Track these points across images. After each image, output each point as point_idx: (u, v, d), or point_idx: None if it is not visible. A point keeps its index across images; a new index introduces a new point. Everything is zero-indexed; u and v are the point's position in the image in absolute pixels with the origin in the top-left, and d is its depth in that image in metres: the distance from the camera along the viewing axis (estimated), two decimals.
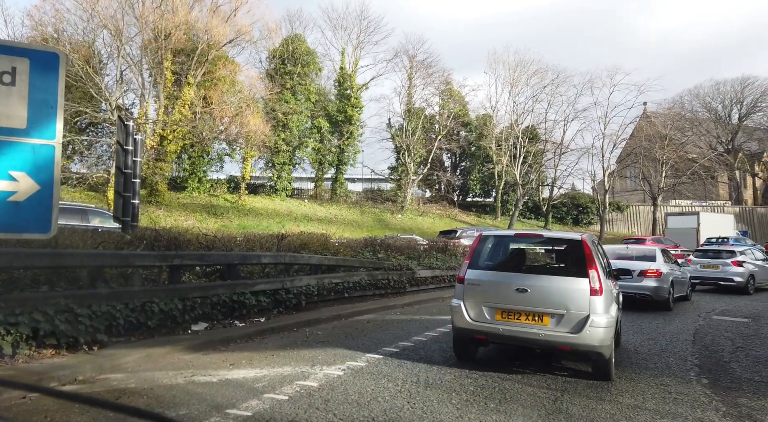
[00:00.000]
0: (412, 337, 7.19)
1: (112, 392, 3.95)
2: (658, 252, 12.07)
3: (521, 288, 5.26)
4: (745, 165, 55.17)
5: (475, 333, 5.47)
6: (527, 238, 6.78)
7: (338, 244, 12.04)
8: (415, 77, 39.03)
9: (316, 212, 33.82)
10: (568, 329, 5.07)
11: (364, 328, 7.76)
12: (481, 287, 5.55)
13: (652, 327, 9.19)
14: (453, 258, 15.33)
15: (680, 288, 12.32)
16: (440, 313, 9.89)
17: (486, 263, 5.93)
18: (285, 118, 33.73)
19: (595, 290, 5.12)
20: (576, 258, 5.45)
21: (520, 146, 39.03)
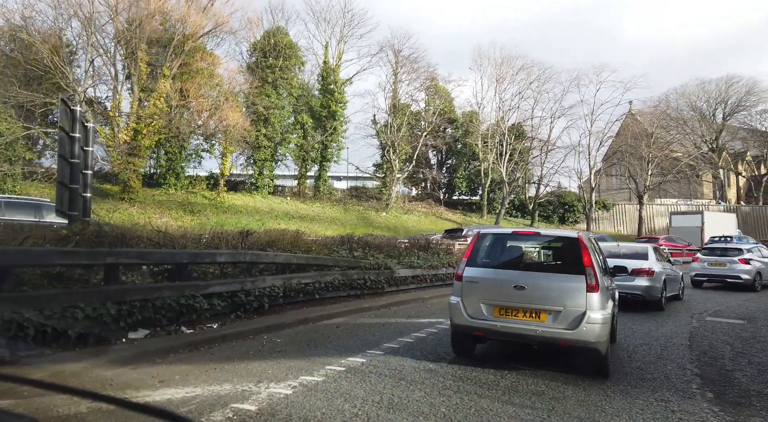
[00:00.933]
0: (382, 344, 6.44)
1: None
2: (650, 250, 11.60)
3: (519, 286, 5.31)
4: (729, 164, 55.47)
5: (473, 329, 5.53)
6: (524, 236, 6.73)
7: (312, 242, 11.25)
8: (400, 73, 38.31)
9: (299, 210, 32.93)
10: (565, 325, 5.11)
11: (332, 334, 6.99)
12: (479, 284, 5.60)
13: (644, 329, 8.57)
14: (436, 257, 14.63)
15: (673, 286, 11.94)
16: (418, 316, 9.17)
17: (484, 261, 5.93)
18: (266, 113, 32.75)
19: (592, 287, 5.15)
20: (572, 256, 5.45)
21: (507, 143, 38.55)
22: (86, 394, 1.47)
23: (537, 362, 5.86)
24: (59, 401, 3.54)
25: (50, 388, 1.69)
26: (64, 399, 3.59)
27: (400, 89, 38.72)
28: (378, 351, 6.02)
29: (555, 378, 5.20)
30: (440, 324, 8.33)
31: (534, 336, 5.24)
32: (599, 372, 5.34)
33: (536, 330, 5.20)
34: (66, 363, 4.27)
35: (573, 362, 5.55)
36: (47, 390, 3.43)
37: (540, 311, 5.24)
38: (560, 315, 5.17)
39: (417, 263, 13.26)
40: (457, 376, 5.10)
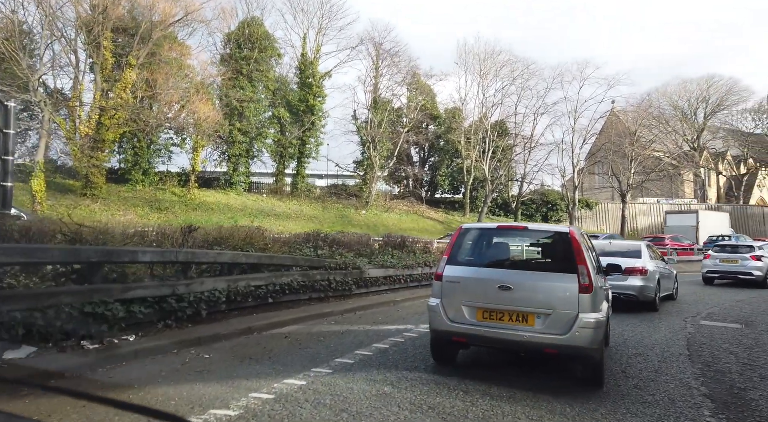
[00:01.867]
0: (334, 360, 5.40)
1: None
2: (643, 247, 10.97)
3: (504, 286, 4.82)
4: (709, 163, 55.68)
5: (453, 335, 5.01)
6: (511, 231, 6.20)
7: (273, 239, 10.15)
8: (381, 67, 37.26)
9: (274, 207, 31.69)
10: (555, 330, 4.62)
11: (276, 347, 5.92)
12: (461, 284, 5.09)
13: (637, 336, 7.68)
14: (411, 256, 13.64)
15: (666, 286, 11.43)
16: (386, 322, 8.15)
17: (466, 258, 5.43)
18: (241, 106, 31.44)
19: (585, 287, 4.66)
20: (563, 253, 4.95)
21: (489, 140, 37.77)
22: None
23: (519, 380, 4.89)
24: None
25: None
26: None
27: (381, 84, 37.71)
28: (326, 370, 4.97)
29: (538, 404, 4.22)
30: (408, 331, 7.32)
31: (521, 342, 4.73)
32: (593, 381, 4.84)
33: (523, 336, 4.68)
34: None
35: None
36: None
37: (527, 314, 4.73)
38: (550, 319, 4.66)
39: (390, 262, 12.24)
40: (416, 404, 4.07)
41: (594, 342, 4.62)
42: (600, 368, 4.83)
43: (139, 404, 1.38)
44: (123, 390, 3.97)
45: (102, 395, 1.23)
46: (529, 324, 4.71)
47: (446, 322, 5.01)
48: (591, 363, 4.75)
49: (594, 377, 4.84)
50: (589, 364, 4.78)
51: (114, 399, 1.17)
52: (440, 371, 5.16)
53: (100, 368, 4.51)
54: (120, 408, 1.18)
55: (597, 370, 4.81)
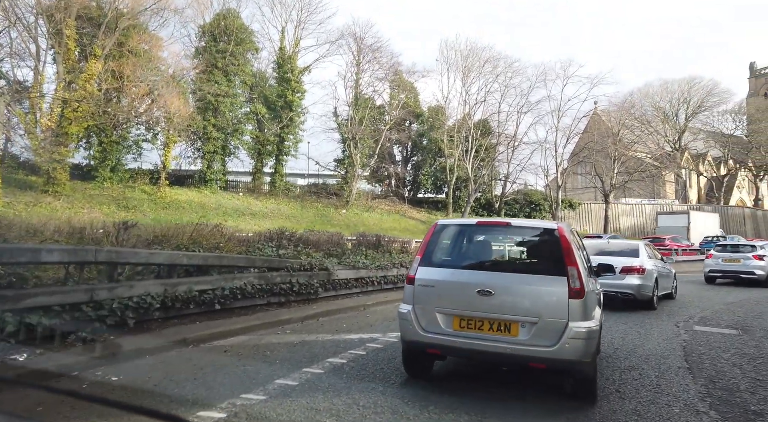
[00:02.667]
0: (274, 381, 4.46)
1: None
2: (641, 246, 10.92)
3: (484, 290, 4.27)
4: (690, 164, 55.98)
5: (427, 346, 4.45)
6: (492, 228, 5.48)
7: (232, 239, 9.17)
8: (363, 62, 36.35)
9: (251, 206, 30.54)
10: (542, 341, 4.09)
11: (209, 364, 4.96)
12: (436, 289, 4.50)
13: (628, 345, 6.90)
14: (387, 256, 12.77)
15: (665, 285, 11.41)
16: (350, 330, 7.24)
17: (442, 259, 4.84)
18: (216, 101, 30.24)
19: (575, 291, 4.14)
20: (551, 252, 4.40)
21: (473, 138, 37.12)
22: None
23: (494, 408, 4.04)
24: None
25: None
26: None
27: (363, 80, 36.81)
28: (258, 396, 4.04)
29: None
30: (373, 341, 6.43)
31: (503, 355, 4.18)
32: (584, 398, 4.30)
33: (505, 348, 4.14)
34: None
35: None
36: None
37: (510, 323, 4.19)
38: (536, 328, 4.12)
39: (362, 263, 11.33)
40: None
41: (586, 354, 4.08)
42: (593, 383, 4.32)
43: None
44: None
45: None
46: (513, 334, 4.17)
47: (419, 332, 4.43)
48: (583, 378, 4.20)
49: (586, 393, 4.31)
50: (580, 379, 4.22)
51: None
52: (401, 394, 4.29)
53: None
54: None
55: (589, 386, 4.29)
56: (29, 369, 4.13)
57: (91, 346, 4.94)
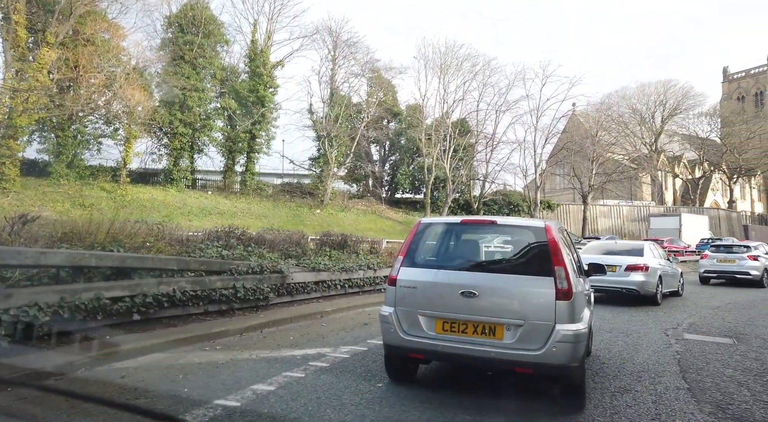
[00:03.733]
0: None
1: None
2: (646, 246, 11.73)
3: (468, 292, 4.10)
4: (666, 166, 56.36)
5: (409, 351, 4.27)
6: (477, 226, 5.11)
7: (165, 237, 8.01)
8: (339, 58, 35.27)
9: (219, 205, 29.14)
10: (528, 344, 3.90)
11: (89, 398, 3.84)
12: (418, 290, 4.32)
13: (615, 358, 6.02)
14: (353, 257, 11.72)
15: (670, 283, 12.12)
16: (297, 343, 6.19)
17: (424, 259, 4.64)
18: (183, 95, 28.79)
19: (563, 292, 3.95)
20: (538, 252, 4.23)
21: (450, 137, 36.35)
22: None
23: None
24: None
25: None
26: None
27: (338, 76, 35.74)
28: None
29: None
30: (319, 359, 5.39)
31: (487, 359, 3.99)
32: (573, 403, 4.10)
33: (490, 352, 3.97)
34: None
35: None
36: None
37: (495, 325, 4.03)
38: (521, 331, 3.96)
39: (324, 265, 10.26)
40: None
41: (574, 358, 3.87)
42: (581, 388, 4.12)
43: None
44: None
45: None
46: (497, 337, 4.00)
47: (400, 336, 4.25)
48: (571, 382, 4.01)
49: (575, 398, 4.11)
50: (568, 384, 4.03)
51: None
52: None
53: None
54: None
55: (578, 390, 4.09)
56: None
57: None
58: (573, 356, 3.87)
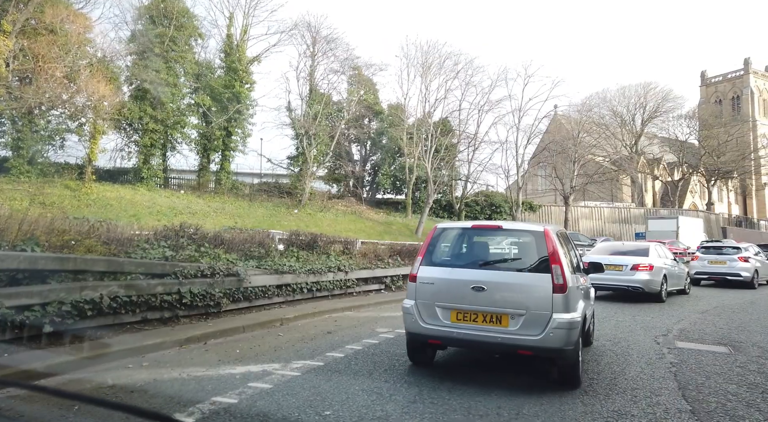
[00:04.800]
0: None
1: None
2: (651, 247, 12.23)
3: (477, 286, 4.77)
4: (646, 168, 56.71)
5: (428, 337, 4.95)
6: (485, 231, 5.77)
7: (94, 235, 7.06)
8: (318, 54, 34.36)
9: (191, 205, 27.96)
10: (529, 331, 4.56)
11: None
12: (435, 285, 4.98)
13: (605, 372, 5.33)
14: (323, 259, 10.90)
15: (676, 282, 12.67)
16: (240, 359, 5.35)
17: (440, 259, 5.30)
18: (155, 90, 27.56)
19: (559, 287, 4.61)
20: (538, 252, 4.87)
21: (432, 137, 35.72)
22: None
23: None
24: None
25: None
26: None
27: (317, 72, 34.82)
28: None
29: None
30: (261, 379, 4.55)
31: (495, 343, 4.67)
32: (569, 383, 4.71)
33: (497, 337, 4.63)
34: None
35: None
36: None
37: (501, 315, 4.67)
38: (524, 319, 4.59)
39: (289, 267, 9.42)
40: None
41: (568, 342, 4.52)
42: (576, 368, 4.71)
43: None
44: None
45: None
46: (503, 325, 4.65)
47: (420, 324, 4.93)
48: (566, 364, 4.64)
49: (570, 378, 4.72)
50: (564, 365, 4.66)
51: None
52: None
53: None
54: None
55: (573, 371, 4.70)
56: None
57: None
58: (568, 340, 4.49)
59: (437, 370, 5.26)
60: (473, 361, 5.78)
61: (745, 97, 68.43)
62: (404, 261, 13.77)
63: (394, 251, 13.91)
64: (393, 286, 12.71)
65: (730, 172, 56.90)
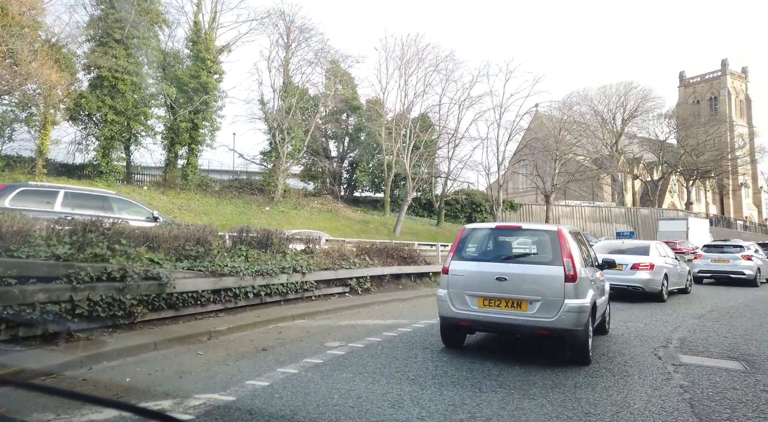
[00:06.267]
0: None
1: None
2: (652, 246, 12.05)
3: (500, 277, 5.54)
4: (626, 168, 56.54)
5: (458, 320, 5.77)
6: (507, 230, 6.58)
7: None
8: (292, 45, 32.84)
9: (153, 201, 26.15)
10: (545, 314, 5.32)
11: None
12: (464, 277, 5.81)
13: (605, 403, 4.15)
14: (278, 258, 9.55)
15: (677, 281, 12.46)
16: (123, 393, 3.98)
17: (468, 254, 6.08)
18: (113, 78, 25.78)
19: (570, 277, 5.36)
20: (552, 248, 5.64)
21: (411, 131, 34.52)
22: None
23: None
24: None
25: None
26: None
27: (292, 63, 33.28)
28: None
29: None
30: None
31: (515, 325, 5.43)
32: (580, 360, 5.44)
33: (517, 320, 5.39)
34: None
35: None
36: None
37: (521, 301, 5.43)
38: (540, 304, 5.35)
39: (231, 268, 8.05)
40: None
41: (578, 324, 5.28)
42: (585, 348, 5.43)
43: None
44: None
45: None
46: (523, 309, 5.41)
47: (452, 310, 5.75)
48: (577, 343, 5.38)
49: (581, 356, 5.44)
50: (575, 345, 5.39)
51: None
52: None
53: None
54: None
55: (583, 350, 5.42)
56: None
57: None
58: (578, 321, 5.26)
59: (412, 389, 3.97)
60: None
61: (723, 97, 69.03)
62: (373, 260, 12.52)
63: (362, 250, 12.63)
64: (359, 289, 11.42)
65: (708, 172, 57.10)
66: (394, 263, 13.33)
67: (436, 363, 5.41)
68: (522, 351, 6.21)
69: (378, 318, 8.61)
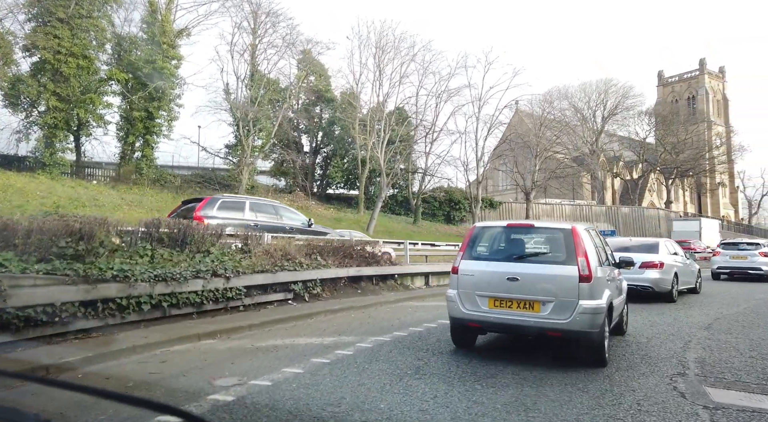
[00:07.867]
0: None
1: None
2: (661, 243, 11.57)
3: (512, 277, 5.39)
4: (606, 166, 55.80)
5: (468, 321, 5.66)
6: (519, 229, 6.29)
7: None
8: (259, 30, 30.72)
9: (100, 196, 23.86)
10: (558, 315, 5.16)
11: None
12: (475, 277, 5.67)
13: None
14: (196, 259, 7.63)
15: (687, 280, 11.96)
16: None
17: (479, 253, 5.96)
18: (56, 62, 23.39)
19: (584, 277, 5.18)
20: (565, 246, 5.48)
21: (386, 123, 32.72)
22: None
23: None
24: None
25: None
26: None
27: (259, 52, 31.18)
28: None
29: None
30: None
31: (527, 327, 5.28)
32: (595, 362, 5.26)
33: (529, 321, 5.24)
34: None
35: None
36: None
37: (533, 302, 5.28)
38: (553, 305, 5.19)
39: (117, 272, 6.12)
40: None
41: (593, 325, 5.09)
42: (602, 350, 5.22)
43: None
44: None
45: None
46: (535, 310, 5.23)
47: (462, 310, 5.58)
48: (592, 345, 5.16)
49: (596, 358, 5.24)
50: (591, 347, 5.17)
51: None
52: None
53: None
54: None
55: (599, 352, 5.22)
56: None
57: None
58: (593, 324, 5.12)
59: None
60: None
61: (701, 97, 69.02)
62: (327, 261, 10.66)
63: (313, 249, 10.75)
64: (306, 295, 9.57)
65: (687, 171, 56.73)
66: (352, 263, 11.49)
67: (369, 407, 3.61)
68: (518, 358, 4.46)
69: (316, 336, 6.78)
